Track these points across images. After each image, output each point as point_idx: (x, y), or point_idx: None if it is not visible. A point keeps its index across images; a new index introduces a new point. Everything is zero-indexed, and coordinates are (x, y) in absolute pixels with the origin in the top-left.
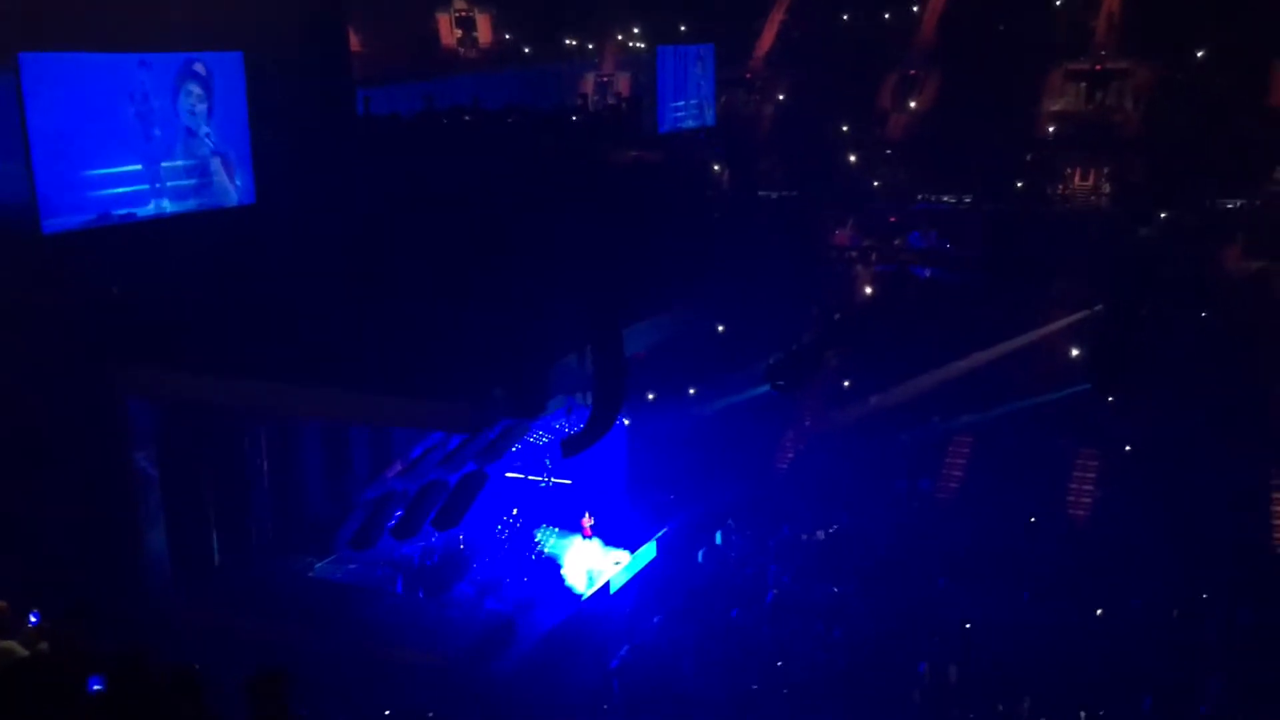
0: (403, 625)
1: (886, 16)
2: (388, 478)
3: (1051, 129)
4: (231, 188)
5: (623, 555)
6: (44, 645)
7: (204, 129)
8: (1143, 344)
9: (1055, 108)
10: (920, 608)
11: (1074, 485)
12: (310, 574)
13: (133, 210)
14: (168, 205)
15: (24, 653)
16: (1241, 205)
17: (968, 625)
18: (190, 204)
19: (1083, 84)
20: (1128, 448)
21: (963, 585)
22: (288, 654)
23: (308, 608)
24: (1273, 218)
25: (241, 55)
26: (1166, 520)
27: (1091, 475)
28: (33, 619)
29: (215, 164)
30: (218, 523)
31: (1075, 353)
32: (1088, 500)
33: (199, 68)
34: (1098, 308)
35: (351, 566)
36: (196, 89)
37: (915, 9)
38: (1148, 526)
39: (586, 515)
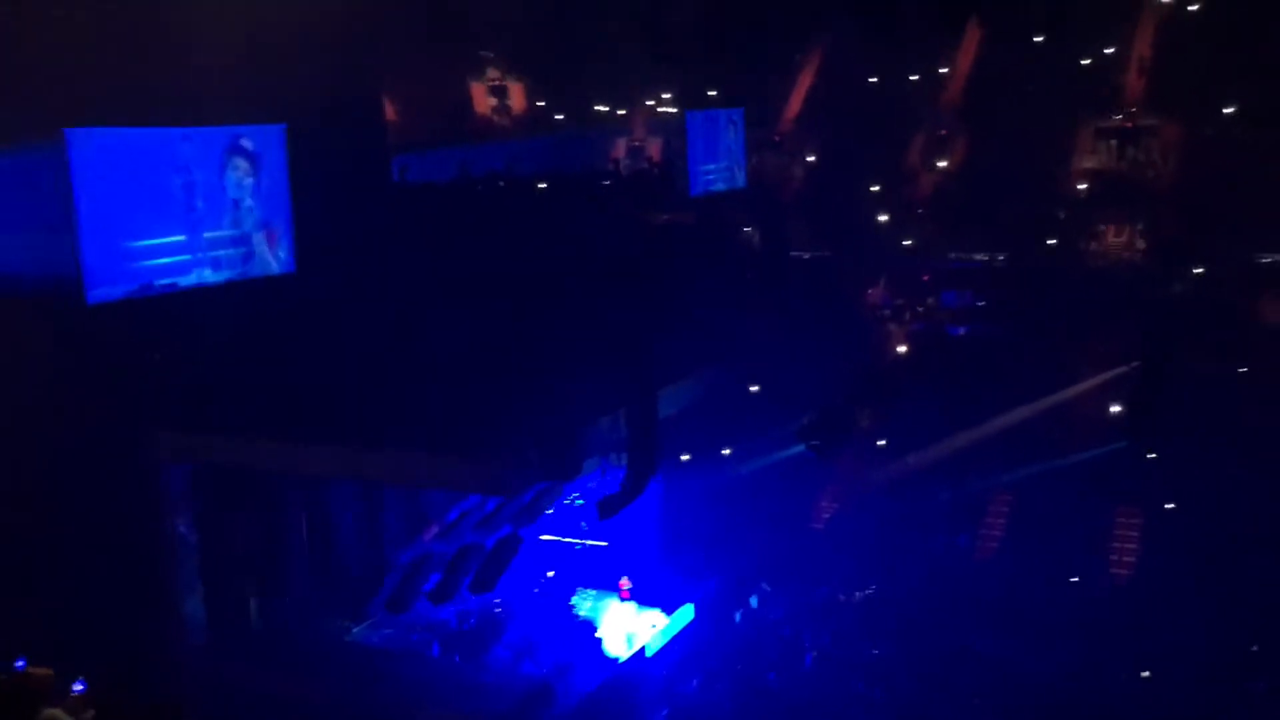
0: (440, 689)
1: (915, 78)
2: (424, 540)
3: (1083, 186)
4: (273, 258)
5: (660, 617)
6: (90, 714)
7: (248, 201)
8: (1180, 399)
9: (1086, 165)
10: (961, 667)
11: (1116, 543)
12: (347, 638)
13: (175, 280)
14: (209, 275)
15: None
16: (1277, 259)
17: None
18: (232, 273)
19: (1113, 141)
20: (1169, 505)
21: (1004, 644)
22: (326, 718)
23: (345, 671)
24: None
25: (284, 128)
26: (1210, 577)
27: (1133, 533)
28: (78, 687)
29: (259, 236)
30: (255, 586)
31: (1113, 409)
32: (1130, 559)
33: (246, 143)
34: (1134, 364)
35: (387, 631)
36: (244, 163)
37: (943, 70)
38: (1191, 583)
39: (624, 578)
